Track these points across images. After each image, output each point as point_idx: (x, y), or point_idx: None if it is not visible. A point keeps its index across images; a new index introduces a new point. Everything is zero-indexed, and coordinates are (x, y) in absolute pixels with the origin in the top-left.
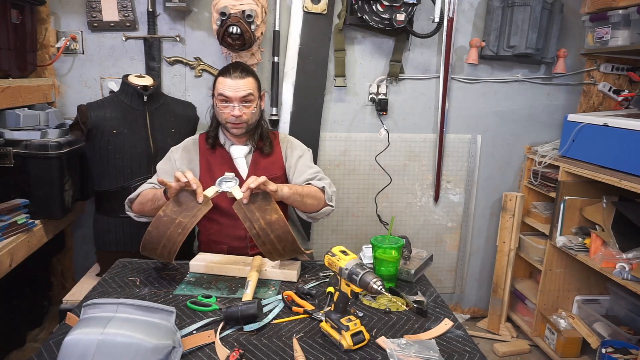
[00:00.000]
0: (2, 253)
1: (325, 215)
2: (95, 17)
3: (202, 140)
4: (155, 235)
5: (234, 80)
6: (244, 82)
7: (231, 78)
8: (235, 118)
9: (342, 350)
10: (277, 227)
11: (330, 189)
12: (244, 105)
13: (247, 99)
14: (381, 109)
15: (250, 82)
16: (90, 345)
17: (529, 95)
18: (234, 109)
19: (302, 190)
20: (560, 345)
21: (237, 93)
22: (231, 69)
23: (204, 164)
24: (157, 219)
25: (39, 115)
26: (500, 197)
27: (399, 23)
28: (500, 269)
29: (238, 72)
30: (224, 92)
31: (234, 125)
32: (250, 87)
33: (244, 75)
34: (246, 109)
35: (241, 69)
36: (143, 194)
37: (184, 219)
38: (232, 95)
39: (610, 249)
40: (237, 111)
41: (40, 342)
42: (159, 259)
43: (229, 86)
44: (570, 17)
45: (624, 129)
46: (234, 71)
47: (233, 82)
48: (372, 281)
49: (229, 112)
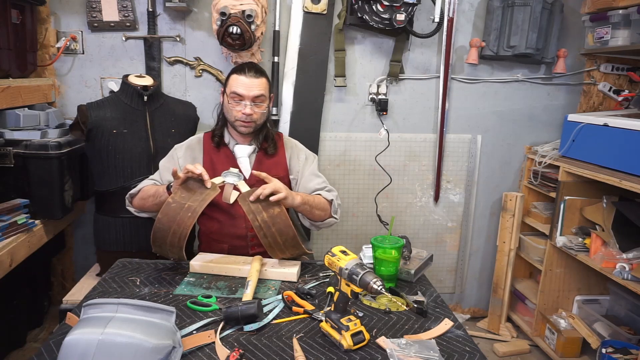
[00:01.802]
0: (2, 253)
1: (328, 226)
2: (95, 17)
3: (207, 139)
4: (165, 222)
5: (249, 79)
6: (258, 82)
7: (246, 76)
8: (245, 116)
9: (342, 350)
10: (279, 221)
11: (337, 201)
12: (256, 105)
13: (259, 99)
14: (381, 109)
15: (263, 83)
16: (90, 345)
17: (529, 95)
18: (246, 107)
19: (313, 201)
20: (560, 345)
21: (250, 92)
22: (246, 67)
23: (208, 163)
24: (166, 205)
25: (39, 115)
26: (500, 197)
27: (399, 23)
28: (500, 269)
29: (253, 72)
30: (237, 89)
31: (243, 123)
32: (263, 87)
33: (258, 75)
34: (257, 108)
35: (256, 69)
36: (144, 189)
37: (192, 203)
38: (245, 93)
39: (610, 249)
40: (249, 109)
41: (40, 342)
42: (169, 250)
43: (243, 84)
44: (570, 17)
45: (624, 129)
46: (249, 70)
47: (248, 81)
48: (372, 281)
49: (240, 110)
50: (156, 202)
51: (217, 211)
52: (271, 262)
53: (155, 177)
